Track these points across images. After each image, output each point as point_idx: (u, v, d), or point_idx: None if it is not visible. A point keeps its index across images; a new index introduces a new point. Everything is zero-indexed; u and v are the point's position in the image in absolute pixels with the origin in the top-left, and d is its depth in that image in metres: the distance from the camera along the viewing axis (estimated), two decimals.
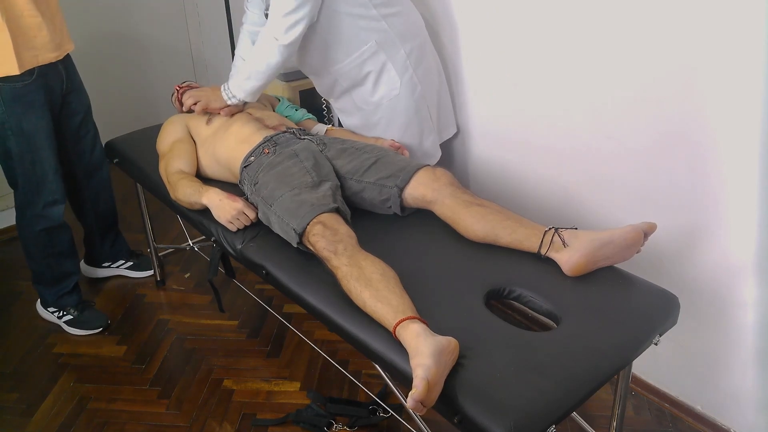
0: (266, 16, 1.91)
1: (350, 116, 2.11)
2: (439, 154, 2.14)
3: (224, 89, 1.97)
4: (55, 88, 2.09)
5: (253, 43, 2.10)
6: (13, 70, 1.90)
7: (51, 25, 1.99)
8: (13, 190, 2.16)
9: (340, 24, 1.88)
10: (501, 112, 2.09)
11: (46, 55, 2.00)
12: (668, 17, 1.56)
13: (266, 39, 1.85)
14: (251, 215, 1.74)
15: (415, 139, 2.05)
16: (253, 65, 1.90)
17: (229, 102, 1.97)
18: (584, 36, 1.76)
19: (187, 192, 1.84)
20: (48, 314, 2.38)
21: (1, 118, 1.97)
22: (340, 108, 2.14)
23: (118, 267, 2.61)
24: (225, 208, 1.75)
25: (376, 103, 2.00)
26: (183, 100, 2.08)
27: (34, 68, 1.97)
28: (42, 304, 2.39)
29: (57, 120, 2.15)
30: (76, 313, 2.34)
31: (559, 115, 1.91)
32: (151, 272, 2.59)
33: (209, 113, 2.05)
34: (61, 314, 2.34)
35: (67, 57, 2.15)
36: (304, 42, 1.91)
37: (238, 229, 1.75)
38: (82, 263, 2.59)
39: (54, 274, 2.30)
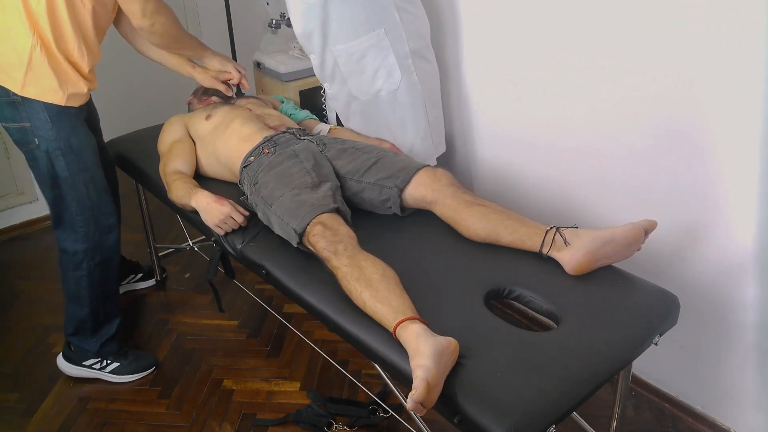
0: None
1: (344, 107, 2.09)
2: (433, 164, 2.08)
3: None
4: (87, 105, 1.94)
5: None
6: (59, 99, 1.77)
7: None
8: (54, 227, 1.93)
9: (353, 3, 1.86)
10: (501, 112, 2.09)
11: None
12: (669, 16, 1.56)
13: None
14: (239, 219, 1.73)
15: (407, 142, 2.03)
16: None
17: None
18: (584, 36, 1.76)
19: (179, 193, 1.85)
20: (82, 370, 2.08)
21: (48, 137, 1.78)
22: (332, 95, 2.10)
23: (128, 283, 2.51)
24: (212, 212, 1.74)
25: (373, 94, 1.99)
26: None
27: None
28: (75, 358, 2.08)
29: None
30: (120, 358, 2.08)
31: (559, 115, 1.91)
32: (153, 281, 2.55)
33: (209, 110, 2.07)
34: (103, 364, 2.07)
35: None
36: (313, 14, 1.87)
37: (234, 230, 1.75)
38: None
39: (99, 319, 2.03)
